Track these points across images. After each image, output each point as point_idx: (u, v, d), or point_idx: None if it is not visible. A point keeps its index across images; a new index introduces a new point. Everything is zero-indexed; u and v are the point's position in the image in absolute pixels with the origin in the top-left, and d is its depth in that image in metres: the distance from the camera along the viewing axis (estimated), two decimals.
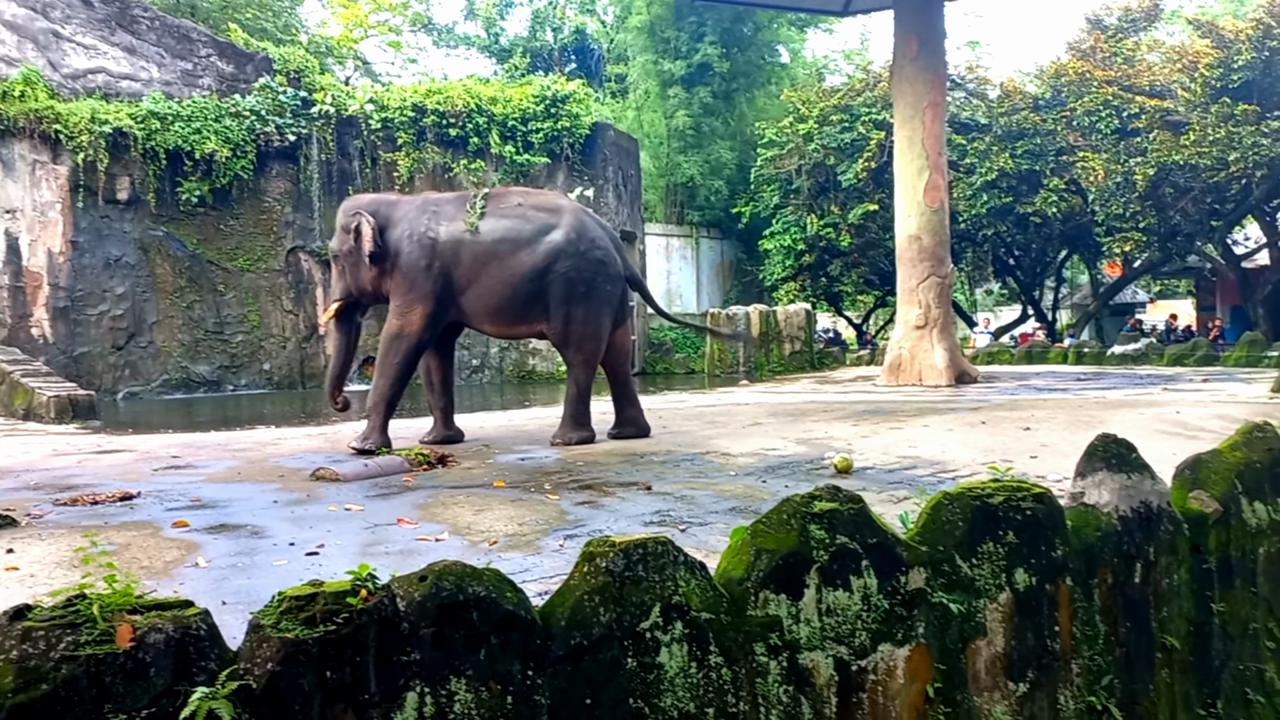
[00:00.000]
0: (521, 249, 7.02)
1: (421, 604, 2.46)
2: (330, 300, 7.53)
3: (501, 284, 7.00)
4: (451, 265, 7.03)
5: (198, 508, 5.00)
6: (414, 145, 17.25)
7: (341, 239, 7.20)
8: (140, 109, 15.61)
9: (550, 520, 4.50)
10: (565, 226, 7.13)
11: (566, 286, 7.03)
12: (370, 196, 7.70)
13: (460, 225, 7.10)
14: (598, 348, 7.33)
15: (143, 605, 2.33)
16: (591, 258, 7.13)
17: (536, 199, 7.50)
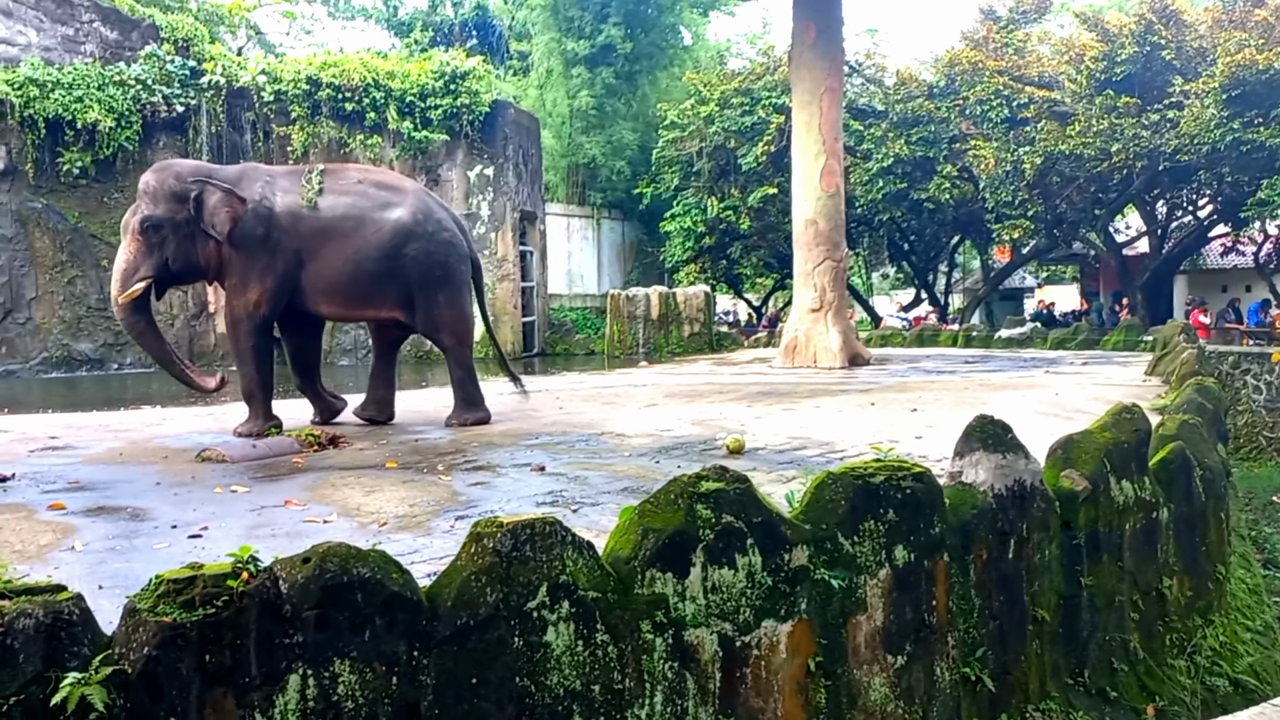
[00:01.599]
0: (366, 227, 6.71)
1: (305, 586, 2.44)
2: (132, 277, 6.46)
3: (343, 262, 6.65)
4: (289, 239, 6.63)
5: (76, 490, 4.84)
6: (309, 119, 16.82)
7: (171, 208, 6.45)
8: (17, 75, 14.87)
9: (442, 501, 4.49)
10: (409, 206, 6.93)
11: (422, 271, 6.81)
12: (191, 163, 7.14)
13: (296, 198, 6.71)
14: (469, 328, 7.34)
15: (12, 590, 2.27)
16: (441, 239, 6.98)
17: (377, 176, 7.30)
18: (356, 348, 17.01)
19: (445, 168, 17.44)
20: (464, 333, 7.27)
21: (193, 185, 6.49)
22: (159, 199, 6.47)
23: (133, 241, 6.47)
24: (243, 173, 6.81)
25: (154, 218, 6.44)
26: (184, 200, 6.47)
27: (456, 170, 17.48)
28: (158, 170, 6.68)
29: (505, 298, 17.64)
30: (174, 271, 6.61)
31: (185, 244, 6.51)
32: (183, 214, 6.47)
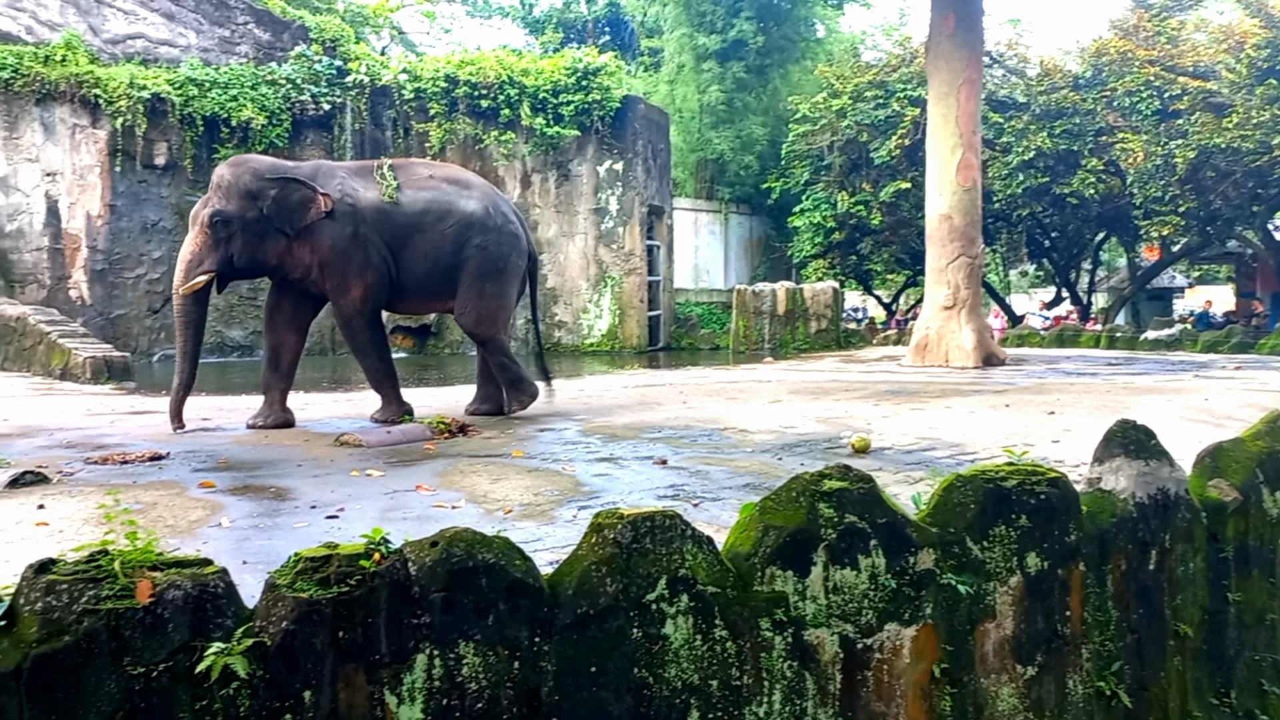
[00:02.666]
0: (443, 222, 6.77)
1: (432, 569, 2.52)
2: (195, 269, 6.42)
3: (422, 257, 6.73)
4: (377, 235, 6.65)
5: (224, 469, 5.10)
6: (446, 116, 17.28)
7: (243, 205, 6.41)
8: (178, 75, 15.74)
9: (565, 491, 4.56)
10: (479, 200, 6.98)
11: (482, 262, 6.84)
12: (269, 160, 6.95)
13: (377, 194, 6.70)
14: (508, 318, 7.31)
15: (163, 562, 2.40)
16: (507, 231, 7.01)
17: (445, 171, 7.33)
18: None
19: (575, 163, 17.68)
20: (504, 322, 7.24)
21: (270, 184, 6.46)
22: (232, 195, 6.43)
23: (200, 234, 6.43)
24: (317, 169, 6.81)
25: (224, 213, 6.39)
26: (257, 198, 6.43)
27: (586, 165, 17.69)
28: (234, 165, 6.65)
29: (631, 292, 17.77)
30: (238, 267, 6.58)
31: (253, 241, 6.46)
32: (254, 212, 6.43)
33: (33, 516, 3.90)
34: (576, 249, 17.80)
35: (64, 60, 14.97)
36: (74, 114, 15.10)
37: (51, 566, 2.31)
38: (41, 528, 3.74)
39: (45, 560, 2.33)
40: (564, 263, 17.82)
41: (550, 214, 17.76)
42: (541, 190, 17.71)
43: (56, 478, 4.71)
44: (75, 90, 14.97)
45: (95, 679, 2.21)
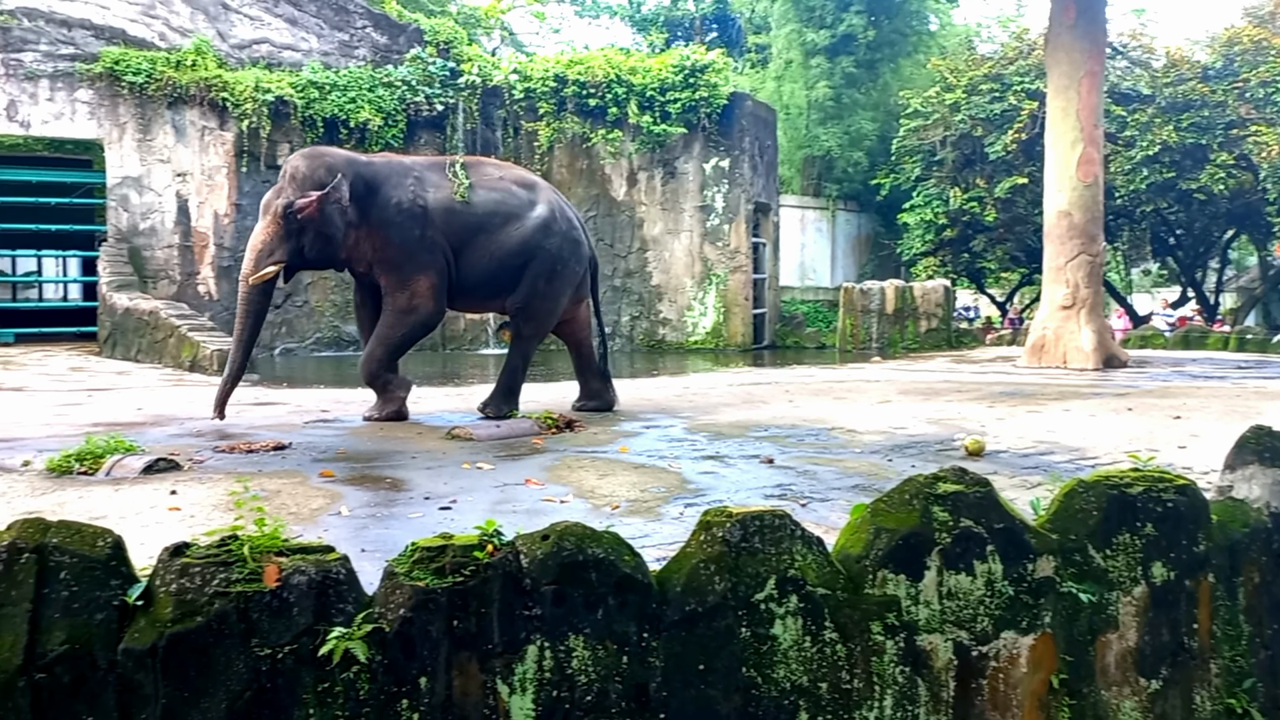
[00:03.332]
0: (511, 223, 6.80)
1: (543, 562, 2.55)
2: (266, 259, 6.38)
3: (488, 258, 6.74)
4: (442, 236, 6.64)
5: (343, 460, 5.27)
6: (554, 115, 17.49)
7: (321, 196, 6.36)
8: (300, 78, 16.30)
9: (672, 488, 4.57)
10: (546, 203, 7.02)
11: (543, 263, 6.87)
12: (343, 153, 6.86)
13: (448, 193, 6.73)
14: (550, 324, 7.26)
15: (289, 548, 2.49)
16: (571, 237, 7.06)
17: (514, 172, 7.34)
18: None
19: (681, 160, 17.69)
20: (544, 327, 7.24)
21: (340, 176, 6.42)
22: (307, 186, 6.38)
23: (273, 224, 6.38)
24: (390, 165, 6.83)
25: (293, 203, 6.34)
26: (331, 189, 6.37)
27: (692, 163, 17.69)
28: (308, 157, 6.65)
29: (736, 290, 17.70)
30: (308, 259, 6.58)
31: (327, 233, 6.42)
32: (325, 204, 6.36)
33: (166, 501, 4.09)
34: (681, 246, 17.82)
35: (194, 65, 15.65)
36: (203, 117, 15.77)
37: (185, 550, 2.43)
38: (174, 512, 3.92)
39: (179, 544, 2.45)
40: (669, 260, 17.86)
41: (655, 211, 17.82)
42: (647, 188, 17.79)
43: (187, 465, 4.93)
44: (204, 94, 15.64)
45: (225, 659, 2.31)
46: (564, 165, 17.72)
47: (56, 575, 2.26)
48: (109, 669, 2.26)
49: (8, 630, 2.20)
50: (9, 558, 2.25)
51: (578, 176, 17.73)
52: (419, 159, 7.33)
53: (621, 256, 17.87)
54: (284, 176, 6.54)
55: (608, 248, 17.76)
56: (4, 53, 14.65)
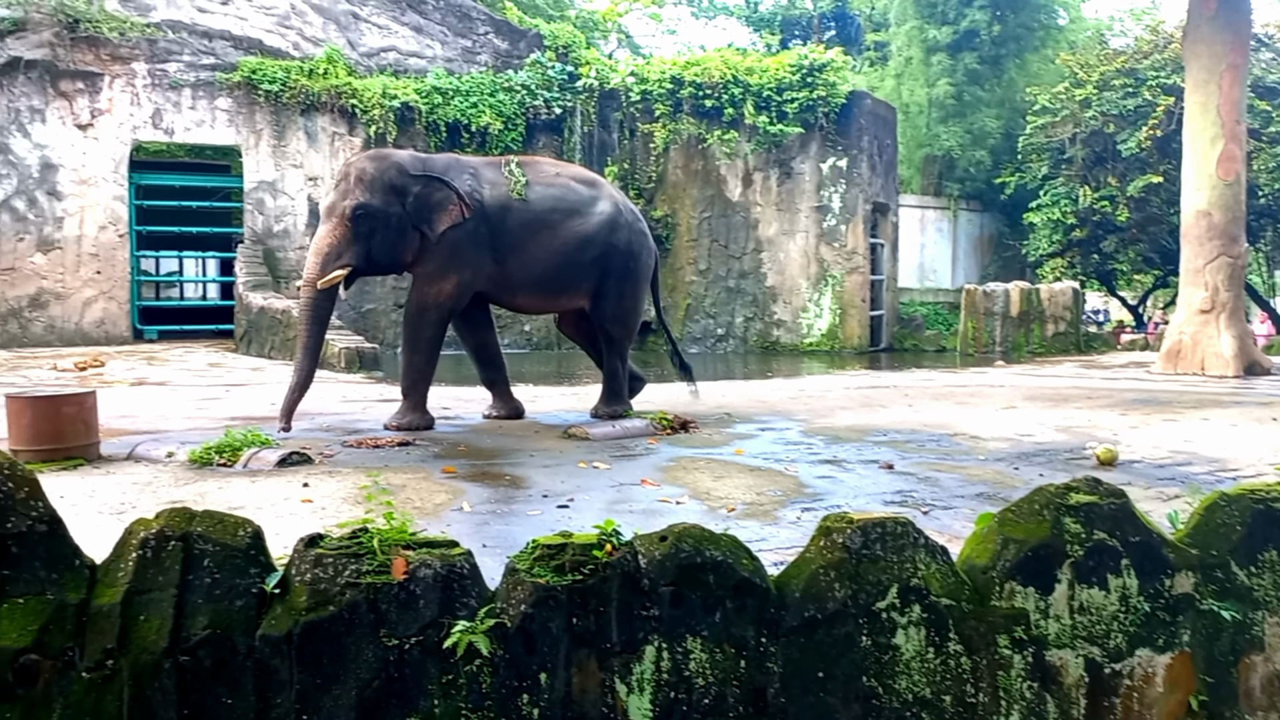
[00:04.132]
0: (572, 219, 6.66)
1: (662, 563, 2.56)
2: (333, 262, 6.14)
3: (550, 254, 6.59)
4: (496, 233, 6.48)
5: (464, 456, 5.39)
6: (670, 117, 17.53)
7: (387, 200, 6.22)
8: (425, 84, 16.75)
9: (788, 492, 4.52)
10: (608, 199, 6.94)
11: (618, 260, 6.78)
12: (410, 155, 6.72)
13: (505, 190, 6.57)
14: (637, 320, 7.23)
15: (415, 542, 2.56)
16: (637, 230, 6.97)
17: (571, 170, 7.22)
18: (705, 337, 17.55)
19: (798, 160, 17.51)
20: (634, 327, 7.23)
21: (415, 180, 6.30)
22: (376, 189, 6.21)
23: (340, 226, 6.16)
24: (449, 164, 6.63)
25: (369, 207, 6.16)
26: (403, 194, 6.26)
27: (809, 162, 17.49)
28: (376, 159, 6.48)
29: (853, 291, 17.43)
30: (375, 263, 6.40)
31: (392, 237, 6.27)
32: (397, 207, 6.24)
33: (299, 493, 4.26)
34: (797, 247, 17.64)
35: (325, 73, 16.24)
36: (333, 123, 16.36)
37: (319, 541, 2.52)
38: (306, 504, 4.08)
39: (314, 535, 2.54)
40: (784, 261, 17.70)
41: (771, 212, 17.69)
42: (763, 188, 17.67)
43: (318, 458, 5.12)
44: (335, 101, 16.21)
45: (355, 647, 2.38)
46: (679, 166, 17.75)
47: (200, 563, 2.38)
48: (247, 654, 2.36)
49: (155, 614, 2.32)
50: (157, 545, 2.37)
51: (692, 177, 17.74)
52: (476, 158, 7.25)
53: (735, 257, 17.80)
54: (348, 178, 6.30)
55: (722, 248, 17.71)
56: (150, 63, 15.47)
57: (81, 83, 15.04)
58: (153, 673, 2.29)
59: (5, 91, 14.56)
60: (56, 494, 4.15)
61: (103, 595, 2.34)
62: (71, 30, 14.75)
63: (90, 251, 15.40)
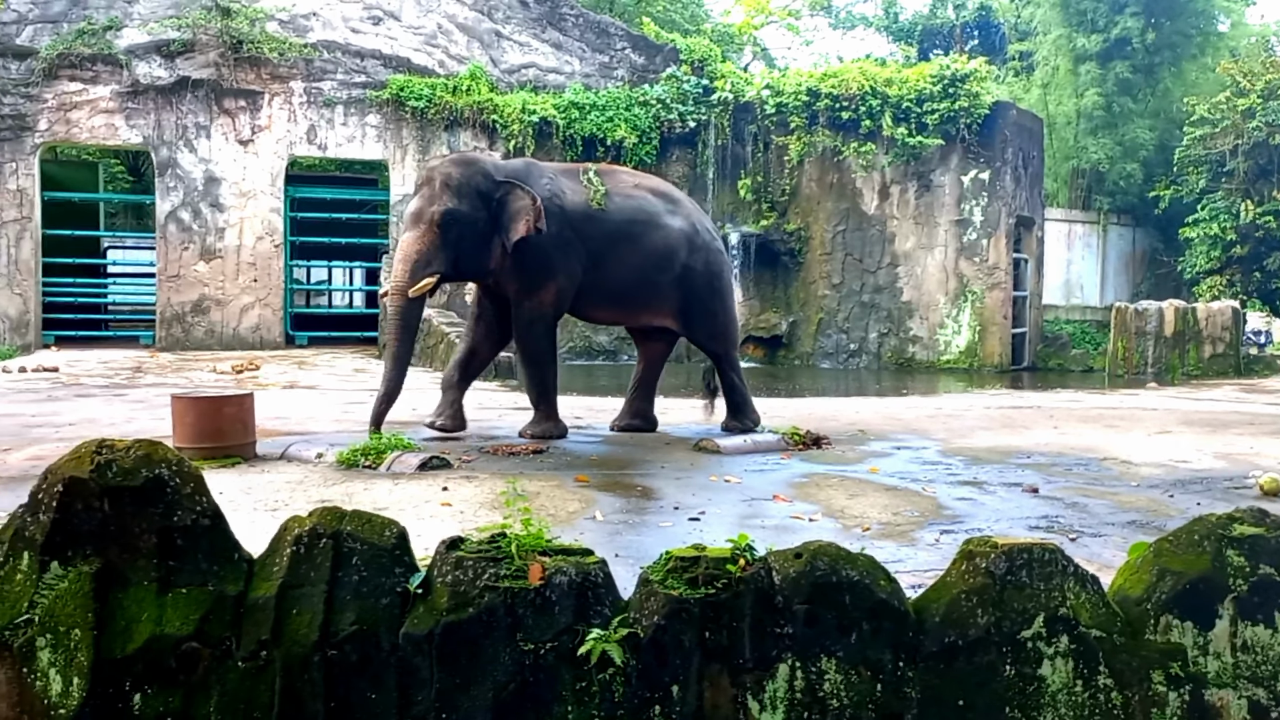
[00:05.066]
0: (652, 232, 6.54)
1: (796, 580, 2.53)
2: (423, 270, 6.06)
3: (628, 268, 6.47)
4: (582, 240, 6.34)
5: (596, 466, 5.45)
6: (806, 129, 17.38)
7: (474, 205, 6.10)
8: (563, 99, 17.08)
9: (926, 512, 4.41)
10: (686, 212, 6.83)
11: (703, 277, 6.69)
12: (494, 160, 6.66)
13: (584, 198, 6.41)
14: (736, 331, 7.21)
15: (551, 549, 2.60)
16: (715, 246, 6.97)
17: (649, 181, 7.12)
18: (838, 352, 17.31)
19: (938, 173, 17.11)
20: (735, 337, 7.19)
21: (498, 185, 6.16)
22: (463, 194, 6.10)
23: (429, 232, 6.06)
24: (529, 169, 6.48)
25: (457, 212, 6.05)
26: (489, 200, 6.13)
27: (949, 175, 17.07)
28: (461, 164, 6.37)
29: (994, 308, 16.90)
30: (461, 270, 6.35)
31: (478, 244, 6.14)
32: (484, 213, 6.12)
33: (438, 497, 4.38)
34: (935, 262, 17.22)
35: (468, 90, 16.74)
36: (475, 137, 16.83)
37: (460, 544, 2.58)
38: (445, 508, 4.20)
39: (455, 538, 2.61)
40: (920, 276, 17.29)
41: (908, 226, 17.32)
42: (900, 201, 17.32)
43: (457, 463, 5.27)
44: (476, 116, 16.68)
45: (493, 650, 2.43)
46: (813, 179, 17.58)
47: (349, 560, 2.47)
48: (391, 651, 2.44)
49: (307, 608, 2.42)
50: (310, 542, 2.47)
51: (827, 190, 17.54)
52: (553, 164, 7.16)
53: (870, 272, 17.49)
54: (433, 183, 6.20)
55: (856, 262, 17.44)
56: (307, 82, 16.24)
57: (243, 100, 15.90)
58: (303, 665, 2.39)
59: (174, 109, 15.52)
60: (216, 490, 4.37)
61: (259, 588, 2.45)
62: (235, 51, 15.61)
63: (248, 260, 16.24)
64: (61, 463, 2.41)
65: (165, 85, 15.39)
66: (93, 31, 15.00)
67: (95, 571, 2.35)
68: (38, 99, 14.81)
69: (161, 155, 15.57)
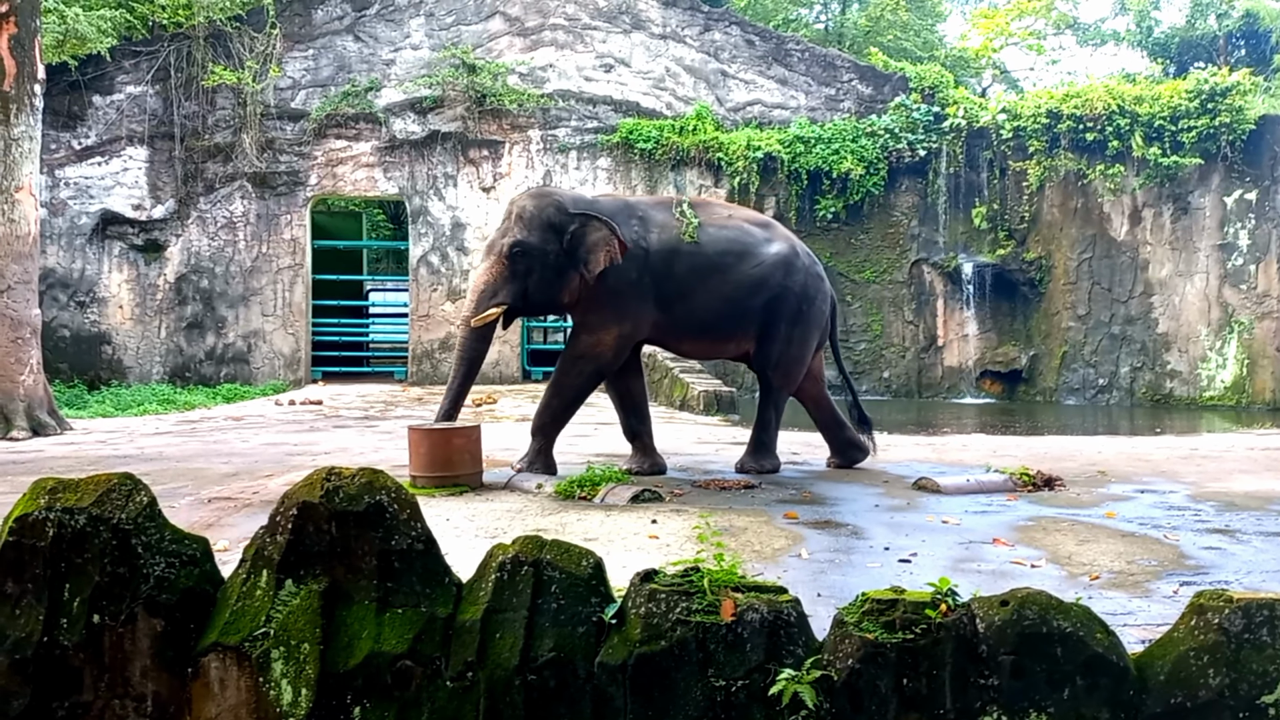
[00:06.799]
0: (745, 262, 6.38)
1: (1001, 629, 2.41)
2: (489, 300, 6.11)
3: (720, 299, 6.34)
4: (662, 279, 6.25)
5: (807, 503, 5.39)
6: (1046, 153, 16.53)
7: (545, 238, 6.06)
8: (787, 134, 17.09)
9: (1165, 562, 4.06)
10: (782, 241, 6.59)
11: (790, 303, 6.45)
12: (572, 193, 6.64)
13: (675, 233, 6.32)
14: (801, 372, 6.71)
15: (744, 585, 2.60)
16: (814, 273, 6.67)
17: (744, 212, 6.98)
18: (1085, 387, 16.25)
19: (1196, 194, 15.83)
20: (796, 378, 6.73)
21: (574, 218, 6.10)
22: (534, 226, 6.11)
23: (498, 264, 6.13)
24: (617, 208, 6.41)
25: (525, 244, 6.07)
26: (561, 232, 6.09)
27: (1210, 196, 15.74)
28: (537, 197, 6.42)
29: (1265, 339, 15.36)
30: (531, 302, 6.36)
31: (550, 276, 6.12)
32: (555, 245, 6.09)
33: (647, 529, 4.47)
34: (1195, 290, 15.88)
35: (695, 130, 17.08)
36: (700, 176, 17.12)
37: (653, 576, 2.63)
38: (652, 540, 4.27)
39: (649, 570, 2.66)
40: (1178, 305, 15.98)
41: (1163, 251, 16.08)
42: (1154, 226, 16.12)
43: (668, 497, 5.35)
44: (702, 155, 16.98)
45: (684, 684, 2.46)
46: (1055, 205, 16.68)
47: (548, 588, 2.57)
48: (587, 679, 2.51)
49: (509, 633, 2.53)
50: (512, 569, 2.60)
51: (1070, 216, 16.58)
52: (645, 198, 6.99)
53: (1121, 302, 16.35)
54: (510, 216, 6.29)
55: (1104, 291, 16.35)
56: (543, 130, 17.09)
57: (486, 150, 16.93)
58: (505, 688, 2.50)
59: (426, 161, 16.72)
60: (444, 516, 4.68)
61: (466, 611, 2.59)
62: (479, 105, 16.66)
63: None
64: (296, 488, 2.65)
65: (418, 139, 16.61)
66: (356, 93, 16.44)
67: (323, 590, 2.56)
68: (309, 156, 16.35)
69: (414, 204, 16.81)
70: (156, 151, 15.67)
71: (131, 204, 15.57)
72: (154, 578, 2.54)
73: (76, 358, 15.16)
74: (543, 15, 17.33)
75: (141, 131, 15.56)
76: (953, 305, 17.13)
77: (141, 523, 2.58)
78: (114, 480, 2.63)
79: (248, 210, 16.08)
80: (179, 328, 15.79)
